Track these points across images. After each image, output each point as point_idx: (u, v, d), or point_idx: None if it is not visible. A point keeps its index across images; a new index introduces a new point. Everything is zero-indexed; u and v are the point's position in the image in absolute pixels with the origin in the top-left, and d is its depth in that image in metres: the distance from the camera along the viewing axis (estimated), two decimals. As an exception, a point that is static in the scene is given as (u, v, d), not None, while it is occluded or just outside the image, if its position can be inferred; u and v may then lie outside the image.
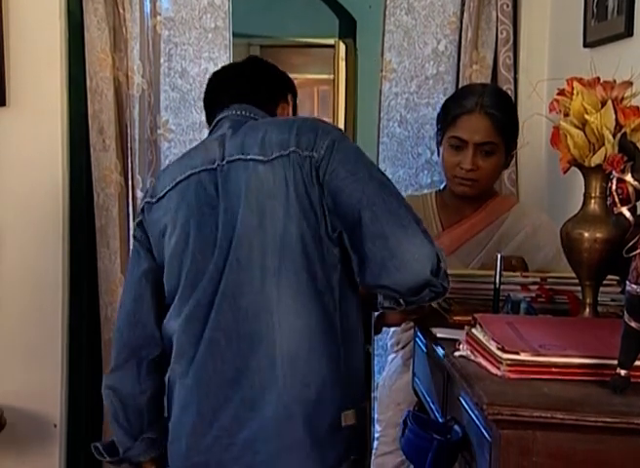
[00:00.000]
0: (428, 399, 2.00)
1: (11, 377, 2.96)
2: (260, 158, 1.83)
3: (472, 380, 1.46)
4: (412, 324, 2.33)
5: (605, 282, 1.88)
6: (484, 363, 1.55)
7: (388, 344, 2.54)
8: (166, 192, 1.95)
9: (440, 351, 1.72)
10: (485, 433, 1.41)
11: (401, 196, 1.83)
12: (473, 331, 1.66)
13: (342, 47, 5.90)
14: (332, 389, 1.81)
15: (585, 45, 2.47)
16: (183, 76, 3.03)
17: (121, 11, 2.95)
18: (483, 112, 2.31)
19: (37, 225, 2.95)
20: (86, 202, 3.00)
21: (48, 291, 2.96)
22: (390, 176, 3.04)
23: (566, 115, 1.81)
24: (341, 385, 1.82)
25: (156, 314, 1.98)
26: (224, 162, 1.89)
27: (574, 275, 2.01)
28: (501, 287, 1.98)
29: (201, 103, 2.96)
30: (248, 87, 2.08)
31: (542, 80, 1.87)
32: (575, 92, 1.78)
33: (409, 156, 3.10)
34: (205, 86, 2.95)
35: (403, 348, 2.41)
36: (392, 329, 2.51)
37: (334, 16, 6.18)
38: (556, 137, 1.83)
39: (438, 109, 3.01)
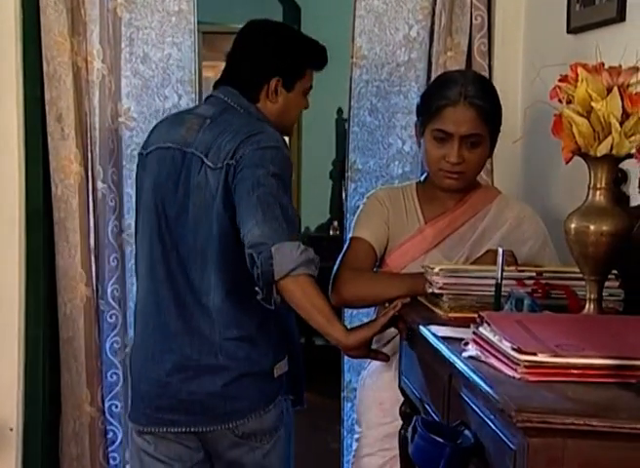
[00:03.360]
0: (423, 399, 1.91)
1: (-35, 380, 2.81)
2: (211, 165, 2.14)
3: (491, 384, 1.38)
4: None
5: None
6: (497, 364, 1.47)
7: (369, 341, 2.44)
8: (150, 151, 2.26)
9: (445, 351, 1.63)
10: (506, 440, 1.33)
11: (283, 206, 2.06)
12: (481, 329, 1.58)
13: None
14: (260, 348, 2.19)
15: (569, 31, 2.40)
16: (146, 61, 2.89)
17: (79, -9, 2.80)
18: (468, 103, 2.21)
19: (-9, 219, 2.79)
20: (43, 193, 2.84)
21: (3, 288, 2.82)
22: (360, 167, 3.01)
23: (569, 102, 1.74)
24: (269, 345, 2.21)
25: None
26: (191, 151, 2.18)
27: (570, 269, 1.97)
28: (493, 281, 1.91)
29: (164, 90, 2.92)
30: (235, 69, 2.30)
31: (547, 65, 1.79)
32: (579, 78, 1.71)
33: (379, 146, 3.01)
34: (167, 72, 2.86)
35: (385, 345, 2.32)
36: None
37: (277, 2, 6.07)
38: (558, 126, 1.76)
39: (410, 97, 2.96)
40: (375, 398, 2.32)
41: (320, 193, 6.16)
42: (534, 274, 1.95)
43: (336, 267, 2.27)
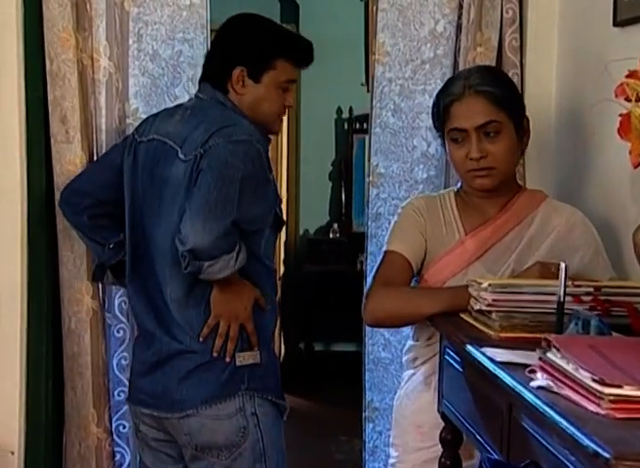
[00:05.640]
0: (472, 429, 1.73)
1: (-37, 401, 2.61)
2: (182, 157, 2.17)
3: (575, 421, 1.20)
4: (434, 338, 2.09)
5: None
6: (575, 397, 1.30)
7: (403, 359, 2.27)
8: (141, 141, 2.32)
9: (507, 379, 1.45)
10: (597, 489, 1.15)
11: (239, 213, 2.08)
12: (549, 355, 1.40)
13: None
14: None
15: (616, 24, 2.23)
16: (155, 59, 2.68)
17: (84, -16, 2.61)
18: (473, 92, 2.08)
19: (-9, 228, 2.59)
20: (46, 200, 2.65)
21: (4, 301, 2.60)
22: (383, 171, 2.82)
23: (638, 100, 1.57)
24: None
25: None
26: (170, 143, 2.22)
27: (632, 284, 1.81)
28: (548, 298, 1.74)
29: (174, 90, 2.74)
30: (207, 63, 2.37)
31: (615, 60, 1.62)
32: (652, 73, 1.54)
33: (403, 149, 2.81)
34: (178, 70, 2.69)
35: (423, 364, 2.15)
36: (409, 343, 2.24)
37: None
38: (626, 127, 1.59)
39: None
40: (412, 421, 2.14)
41: (319, 195, 6.02)
42: (591, 289, 1.78)
43: (368, 284, 2.10)
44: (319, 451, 4.44)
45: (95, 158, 2.65)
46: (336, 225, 5.93)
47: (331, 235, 5.92)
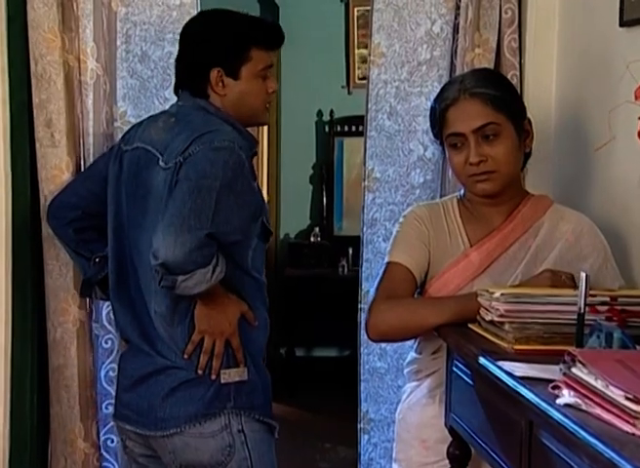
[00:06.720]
0: (486, 446, 1.66)
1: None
2: (163, 165, 2.10)
3: (612, 444, 1.13)
4: (440, 352, 2.01)
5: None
6: (606, 416, 1.23)
7: (405, 371, 2.19)
8: (126, 150, 2.23)
9: (530, 396, 1.38)
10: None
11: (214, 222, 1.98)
12: (574, 371, 1.33)
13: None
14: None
15: (622, 24, 2.16)
16: (144, 60, 2.61)
17: (71, -17, 2.52)
18: (468, 95, 2.02)
19: (-27, 235, 2.49)
20: (30, 206, 2.56)
21: (-14, 312, 2.51)
22: (378, 176, 2.75)
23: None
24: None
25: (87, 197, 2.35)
26: (152, 151, 2.15)
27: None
28: (564, 308, 1.67)
29: (164, 92, 2.67)
30: (179, 70, 2.26)
31: (634, 61, 1.55)
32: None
33: (399, 152, 2.74)
34: (168, 72, 2.60)
35: (428, 377, 2.07)
36: (411, 355, 2.16)
37: (254, 0, 5.80)
38: (648, 130, 1.52)
39: (432, 99, 2.70)
40: (416, 435, 2.06)
41: (300, 198, 5.95)
42: (607, 299, 1.71)
43: (370, 298, 2.02)
44: (302, 460, 4.33)
45: (81, 163, 2.58)
46: (317, 229, 5.86)
47: (312, 239, 5.85)
